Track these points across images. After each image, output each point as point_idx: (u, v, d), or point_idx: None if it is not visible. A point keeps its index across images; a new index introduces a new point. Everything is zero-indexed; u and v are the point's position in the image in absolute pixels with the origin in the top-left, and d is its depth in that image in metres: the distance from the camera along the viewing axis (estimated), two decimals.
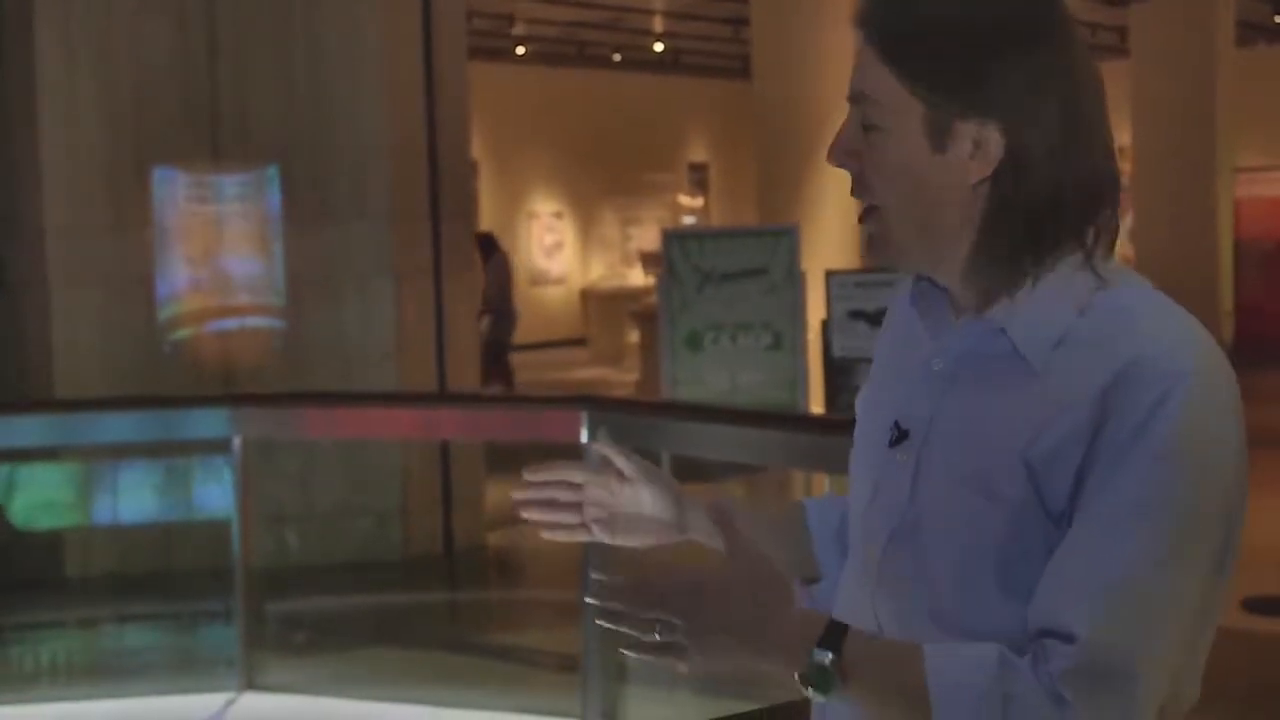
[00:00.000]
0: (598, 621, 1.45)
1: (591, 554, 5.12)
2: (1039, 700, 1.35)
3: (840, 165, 1.50)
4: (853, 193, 1.51)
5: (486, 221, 19.42)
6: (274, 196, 7.82)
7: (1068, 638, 1.36)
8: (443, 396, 7.55)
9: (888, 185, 1.48)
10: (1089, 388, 1.40)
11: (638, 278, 22.66)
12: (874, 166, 1.48)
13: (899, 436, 1.53)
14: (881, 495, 1.54)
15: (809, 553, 1.80)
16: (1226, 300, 17.46)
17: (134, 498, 5.79)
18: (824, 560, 1.79)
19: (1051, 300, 1.46)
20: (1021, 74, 1.44)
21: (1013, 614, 1.41)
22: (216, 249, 7.88)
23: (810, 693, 1.40)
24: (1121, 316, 1.44)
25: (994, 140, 1.44)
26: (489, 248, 13.77)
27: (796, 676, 1.40)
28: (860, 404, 1.68)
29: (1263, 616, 6.33)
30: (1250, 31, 19.92)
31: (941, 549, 1.47)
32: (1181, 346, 1.42)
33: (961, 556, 1.45)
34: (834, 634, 1.40)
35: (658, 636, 1.41)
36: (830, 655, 1.39)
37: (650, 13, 19.16)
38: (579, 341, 21.52)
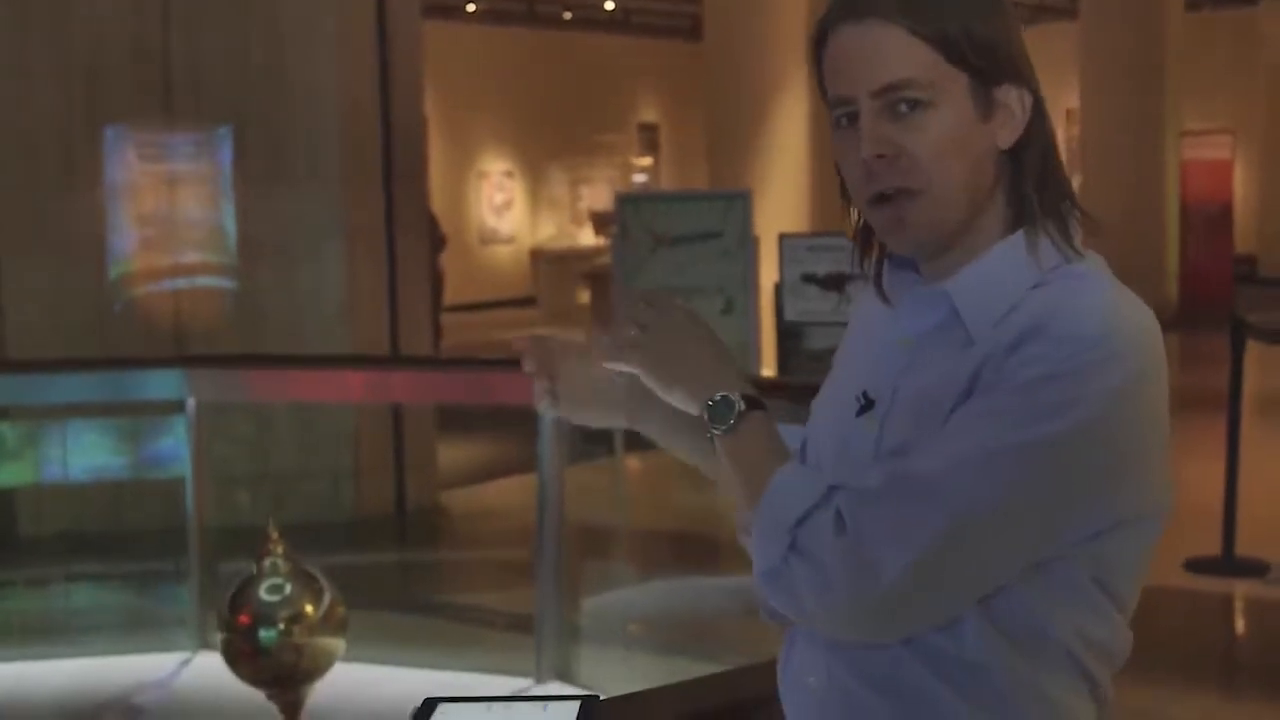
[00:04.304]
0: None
1: (545, 517, 5.17)
2: (826, 521, 1.47)
3: (879, 154, 1.51)
4: (880, 185, 1.53)
5: (436, 180, 19.36)
6: (226, 156, 7.78)
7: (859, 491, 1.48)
8: (395, 359, 7.55)
9: (934, 162, 1.51)
10: (999, 346, 1.47)
11: (588, 238, 22.64)
12: (919, 145, 1.51)
13: (865, 406, 1.59)
14: (850, 453, 1.59)
15: None
16: (1172, 263, 17.63)
17: (86, 456, 5.79)
18: None
19: (1004, 273, 1.53)
20: (1021, 42, 1.56)
21: None
22: (168, 208, 7.84)
23: (707, 422, 1.57)
24: (1062, 291, 1.49)
25: (1025, 103, 1.54)
26: None
27: (707, 404, 1.56)
28: (833, 368, 1.74)
29: (1204, 576, 6.44)
30: None
31: None
32: (1093, 316, 1.45)
33: None
34: (753, 399, 1.56)
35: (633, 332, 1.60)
36: (741, 406, 1.55)
37: None
38: (528, 301, 21.51)
